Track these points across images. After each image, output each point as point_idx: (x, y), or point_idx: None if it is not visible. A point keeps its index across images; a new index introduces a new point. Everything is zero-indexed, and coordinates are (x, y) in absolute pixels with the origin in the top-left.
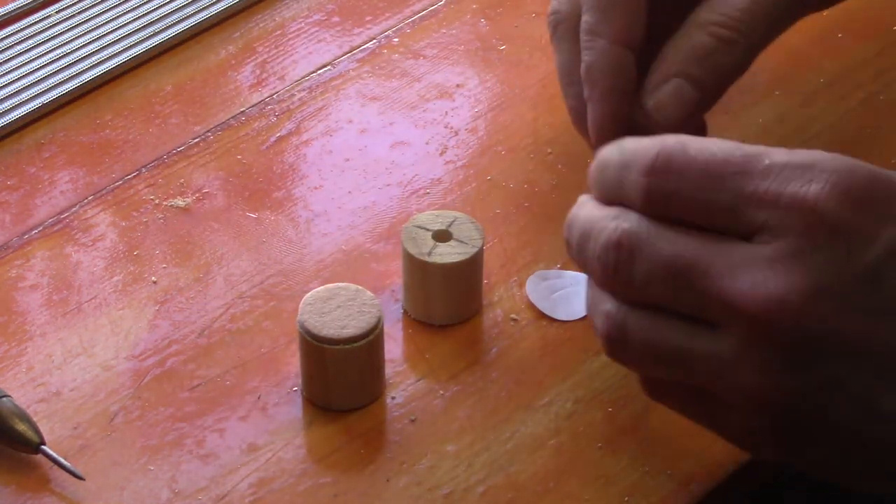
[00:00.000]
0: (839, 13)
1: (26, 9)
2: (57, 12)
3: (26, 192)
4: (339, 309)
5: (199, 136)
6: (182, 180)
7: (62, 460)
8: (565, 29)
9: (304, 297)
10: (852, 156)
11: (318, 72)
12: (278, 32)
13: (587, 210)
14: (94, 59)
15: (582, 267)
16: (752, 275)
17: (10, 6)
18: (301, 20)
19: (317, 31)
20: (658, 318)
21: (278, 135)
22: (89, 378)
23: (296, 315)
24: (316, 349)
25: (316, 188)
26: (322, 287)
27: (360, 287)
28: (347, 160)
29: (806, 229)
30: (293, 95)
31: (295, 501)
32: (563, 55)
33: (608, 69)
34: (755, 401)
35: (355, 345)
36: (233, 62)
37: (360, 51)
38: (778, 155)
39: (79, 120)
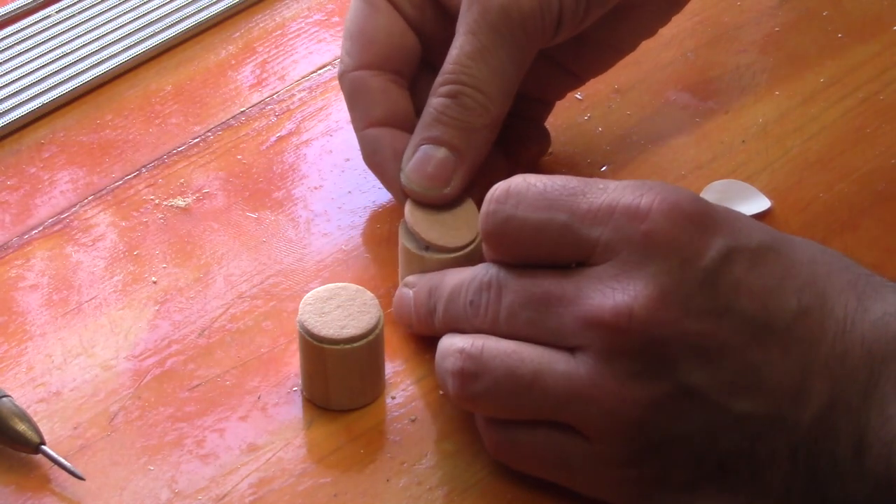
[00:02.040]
0: (839, 13)
1: (26, 9)
2: (57, 12)
3: (26, 192)
4: (339, 309)
5: (199, 136)
6: (182, 180)
7: (62, 460)
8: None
9: (304, 297)
10: (852, 156)
11: (319, 72)
12: (278, 32)
13: (453, 274)
14: (94, 59)
15: (445, 323)
16: (600, 291)
17: (10, 6)
18: (301, 20)
19: (317, 31)
20: (518, 346)
21: (278, 135)
22: (89, 378)
23: (296, 315)
24: (316, 349)
25: (316, 188)
26: (322, 287)
27: (360, 287)
28: (347, 160)
29: (641, 241)
30: (293, 95)
31: (295, 501)
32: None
33: (371, 151)
34: (613, 420)
35: (355, 345)
36: (233, 62)
37: None
38: (611, 181)
39: (79, 120)
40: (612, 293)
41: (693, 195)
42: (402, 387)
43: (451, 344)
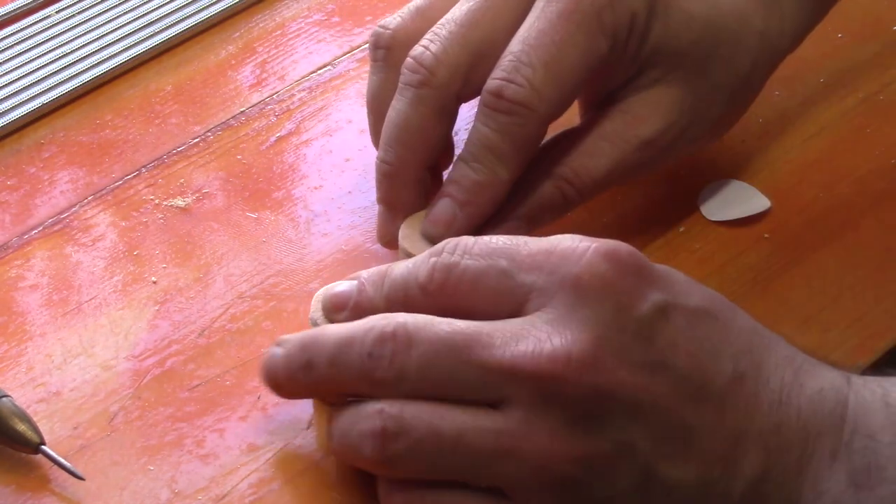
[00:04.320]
0: (839, 13)
1: (26, 9)
2: (57, 12)
3: (26, 192)
4: None
5: (199, 136)
6: (182, 180)
7: (62, 460)
8: (431, 96)
9: (315, 296)
10: (852, 155)
11: (318, 72)
12: (278, 32)
13: (336, 327)
14: (94, 59)
15: (328, 379)
16: (534, 336)
17: (10, 6)
18: (301, 20)
19: (317, 31)
20: (437, 405)
21: (278, 135)
22: (89, 378)
23: (296, 315)
24: None
25: (316, 188)
26: (330, 284)
27: None
28: (347, 160)
29: (574, 283)
30: (293, 95)
31: (295, 501)
32: (413, 113)
33: (491, 197)
34: (541, 478)
35: None
36: (233, 62)
37: (360, 51)
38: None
39: (79, 120)
40: (547, 338)
41: (632, 249)
42: None
43: (364, 407)
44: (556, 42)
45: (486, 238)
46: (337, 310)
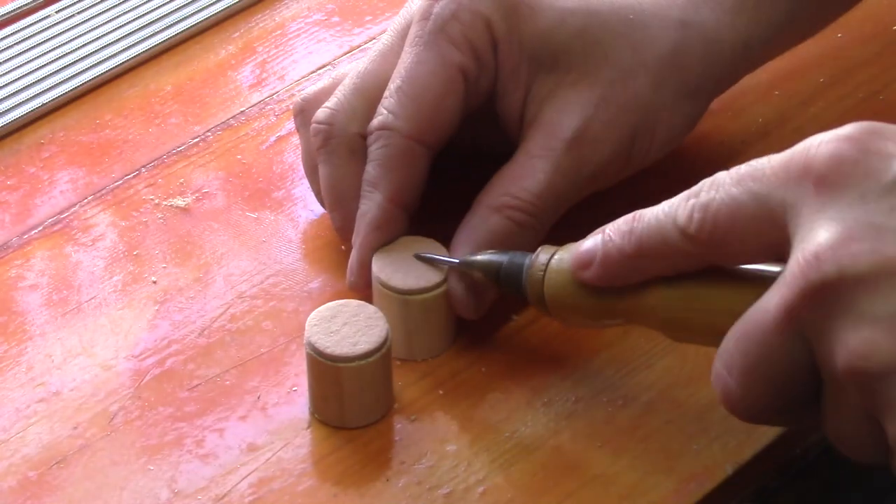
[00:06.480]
0: None
1: (26, 9)
2: (57, 12)
3: (26, 192)
4: (346, 326)
5: (199, 136)
6: (182, 180)
7: None
8: (338, 144)
9: (308, 319)
10: None
11: (318, 72)
12: (278, 32)
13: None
14: (94, 59)
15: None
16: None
17: (10, 6)
18: (301, 20)
19: (317, 31)
20: None
21: (278, 134)
22: (89, 378)
23: (296, 315)
24: (331, 369)
25: None
26: (323, 306)
27: (360, 301)
28: None
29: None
30: (293, 95)
31: (295, 501)
32: (334, 170)
33: (376, 223)
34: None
35: (370, 359)
36: (233, 62)
37: (360, 51)
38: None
39: (79, 120)
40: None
41: (865, 124)
42: (402, 386)
43: None
44: (408, 66)
45: (736, 168)
46: (583, 267)
